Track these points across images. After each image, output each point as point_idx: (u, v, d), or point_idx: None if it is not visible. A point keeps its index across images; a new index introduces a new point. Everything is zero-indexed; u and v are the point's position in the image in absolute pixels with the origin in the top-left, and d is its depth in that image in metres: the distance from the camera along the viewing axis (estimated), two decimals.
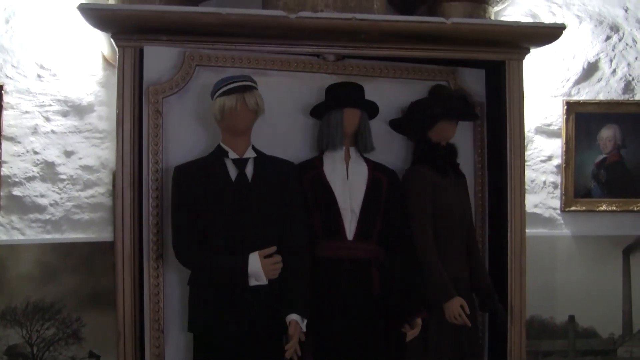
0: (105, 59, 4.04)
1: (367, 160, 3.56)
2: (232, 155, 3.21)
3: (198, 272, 3.21)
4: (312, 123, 3.62)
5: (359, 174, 3.51)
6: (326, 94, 3.53)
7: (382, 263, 3.49)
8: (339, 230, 3.43)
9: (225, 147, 3.24)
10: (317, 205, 3.43)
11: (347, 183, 3.47)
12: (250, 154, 3.25)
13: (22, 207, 3.92)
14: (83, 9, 3.25)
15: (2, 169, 3.87)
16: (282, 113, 3.60)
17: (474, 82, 3.93)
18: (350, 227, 3.44)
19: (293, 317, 3.19)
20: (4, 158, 3.88)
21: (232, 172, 3.22)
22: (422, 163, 3.63)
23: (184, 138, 3.45)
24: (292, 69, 3.64)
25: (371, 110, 3.56)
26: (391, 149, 3.80)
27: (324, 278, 3.36)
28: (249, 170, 3.23)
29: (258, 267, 3.09)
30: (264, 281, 3.13)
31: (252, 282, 3.12)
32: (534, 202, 4.47)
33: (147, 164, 3.33)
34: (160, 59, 3.39)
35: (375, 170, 3.55)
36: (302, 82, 3.66)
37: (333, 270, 3.36)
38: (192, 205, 3.15)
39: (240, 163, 3.21)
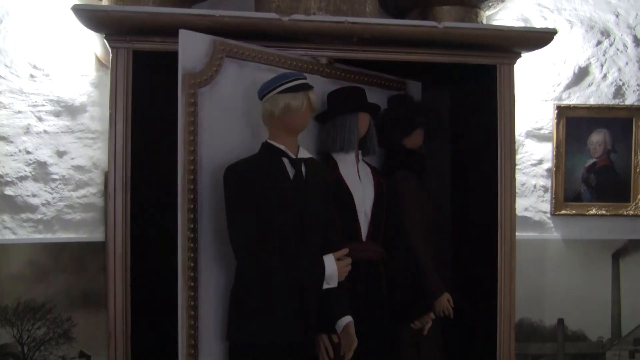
0: (98, 59, 4.04)
1: (368, 164, 3.63)
2: (290, 154, 3.18)
3: (267, 277, 3.07)
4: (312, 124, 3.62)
5: (367, 176, 3.59)
6: (334, 98, 3.58)
7: (386, 263, 3.59)
8: (357, 232, 3.47)
9: (280, 146, 3.16)
10: (337, 207, 3.44)
11: (360, 185, 3.52)
12: (304, 153, 3.23)
13: (14, 206, 3.92)
14: (77, 10, 3.25)
15: None
16: None
17: (416, 94, 4.08)
18: (364, 229, 3.49)
19: (349, 318, 3.22)
20: None
21: (290, 171, 3.16)
22: (405, 168, 3.73)
23: (216, 133, 3.30)
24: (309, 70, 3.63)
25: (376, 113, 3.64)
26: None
27: (345, 279, 3.38)
28: (303, 170, 3.19)
29: (334, 270, 3.05)
30: (335, 284, 3.09)
31: (324, 286, 3.08)
32: (524, 205, 4.49)
33: (182, 160, 3.15)
34: (195, 45, 3.24)
35: (376, 173, 3.63)
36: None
37: (353, 271, 3.37)
38: (257, 206, 3.05)
39: (298, 163, 3.18)
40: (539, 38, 3.72)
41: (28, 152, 3.95)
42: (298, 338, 3.16)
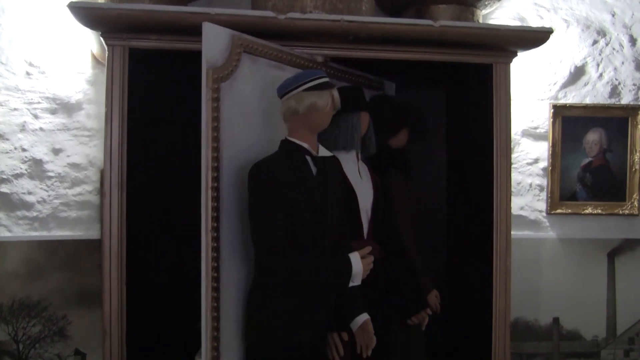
0: (94, 57, 4.04)
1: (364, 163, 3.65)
2: (313, 152, 3.17)
3: (296, 276, 3.04)
4: None
5: (366, 175, 3.60)
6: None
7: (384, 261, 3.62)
8: (360, 230, 3.48)
9: (303, 144, 3.14)
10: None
11: (362, 184, 3.53)
12: (324, 152, 3.23)
13: (10, 204, 3.92)
14: (73, 7, 3.25)
15: None
16: None
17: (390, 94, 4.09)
18: (365, 227, 3.51)
19: (366, 316, 3.26)
20: None
21: (312, 169, 3.15)
22: (394, 168, 3.75)
23: (236, 130, 3.25)
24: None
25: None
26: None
27: None
28: (324, 168, 3.20)
29: (360, 268, 3.04)
30: (359, 282, 3.07)
31: (350, 284, 3.06)
32: (519, 204, 4.50)
33: (205, 157, 3.06)
34: (216, 39, 3.15)
35: (373, 172, 3.64)
36: None
37: None
38: (284, 205, 3.00)
39: (320, 161, 3.17)
40: (535, 37, 3.73)
41: (24, 150, 3.94)
42: (319, 338, 3.18)
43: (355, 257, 3.03)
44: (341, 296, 3.23)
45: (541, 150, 4.52)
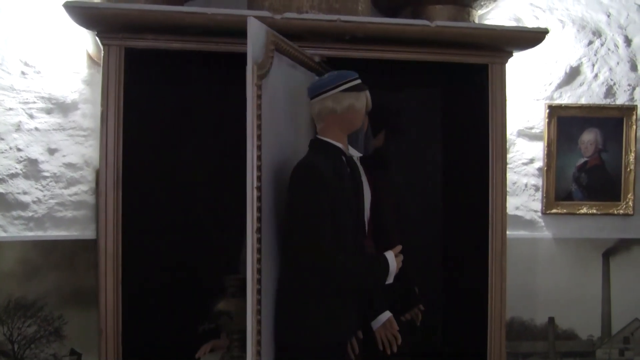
0: (89, 56, 4.03)
1: None
2: (347, 152, 3.19)
3: (343, 277, 3.03)
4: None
5: (364, 175, 3.59)
6: None
7: None
8: (364, 229, 3.49)
9: (337, 144, 3.15)
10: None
11: (363, 183, 3.54)
12: (353, 152, 3.25)
13: (5, 204, 3.90)
14: (69, 7, 3.24)
15: None
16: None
17: None
18: (366, 226, 3.52)
19: (389, 313, 3.30)
20: None
21: (347, 170, 3.16)
22: (379, 169, 3.78)
23: (272, 129, 3.17)
24: None
25: None
26: None
27: None
28: (355, 168, 3.22)
29: (395, 266, 3.07)
30: (392, 281, 3.09)
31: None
32: (515, 204, 4.50)
33: (251, 157, 2.95)
34: (258, 35, 3.04)
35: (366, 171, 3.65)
36: None
37: None
38: (331, 206, 3.00)
39: (352, 161, 3.19)
40: (531, 37, 3.74)
41: (19, 150, 3.93)
42: (351, 337, 3.23)
43: (390, 256, 3.07)
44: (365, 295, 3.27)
45: (537, 150, 4.53)
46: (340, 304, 3.09)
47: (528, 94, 4.51)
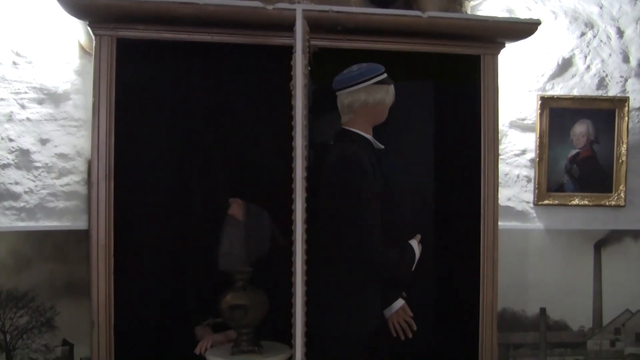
0: (81, 47, 4.02)
1: None
2: (375, 144, 3.22)
3: (383, 267, 3.15)
4: None
5: None
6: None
7: None
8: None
9: (367, 136, 3.24)
10: None
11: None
12: (377, 144, 3.28)
13: None
14: None
15: None
16: None
17: None
18: None
19: (402, 301, 3.41)
20: None
21: (376, 161, 3.21)
22: None
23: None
24: None
25: None
26: None
27: None
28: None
29: (418, 255, 3.14)
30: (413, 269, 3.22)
31: None
32: (507, 195, 4.51)
33: (300, 147, 2.95)
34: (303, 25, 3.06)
35: None
36: None
37: None
38: (374, 197, 3.07)
39: (380, 153, 3.22)
40: (523, 29, 3.74)
41: (11, 140, 3.92)
42: (378, 326, 3.30)
43: (415, 244, 3.13)
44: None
45: (529, 141, 4.53)
46: (371, 293, 3.15)
47: (520, 85, 4.51)
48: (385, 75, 3.26)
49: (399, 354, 3.69)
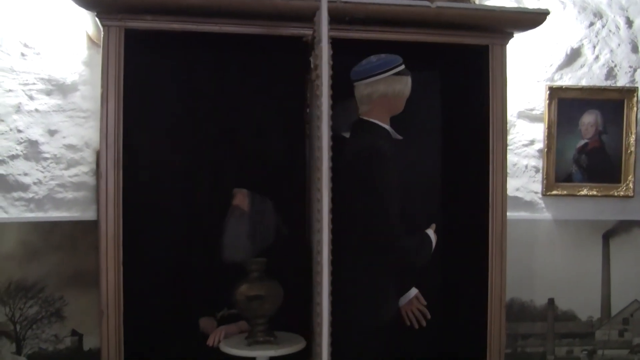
0: (89, 38, 4.02)
1: None
2: (395, 135, 3.25)
3: (405, 255, 3.20)
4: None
5: None
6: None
7: None
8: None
9: (386, 126, 3.28)
10: None
11: None
12: (395, 134, 3.30)
13: (6, 185, 3.91)
14: None
15: None
16: None
17: None
18: None
19: (416, 290, 3.52)
20: None
21: (394, 151, 3.24)
22: None
23: None
24: None
25: None
26: None
27: None
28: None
29: (434, 243, 3.16)
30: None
31: None
32: (515, 185, 4.50)
33: (326, 138, 2.86)
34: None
35: None
36: None
37: None
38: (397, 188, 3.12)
39: (399, 143, 3.25)
40: (532, 19, 3.72)
41: (19, 131, 3.93)
42: (395, 315, 3.39)
43: (432, 233, 3.15)
44: None
45: (537, 131, 4.52)
46: (390, 283, 3.18)
47: (529, 75, 4.50)
48: (403, 66, 3.28)
49: (408, 344, 3.70)
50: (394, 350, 3.63)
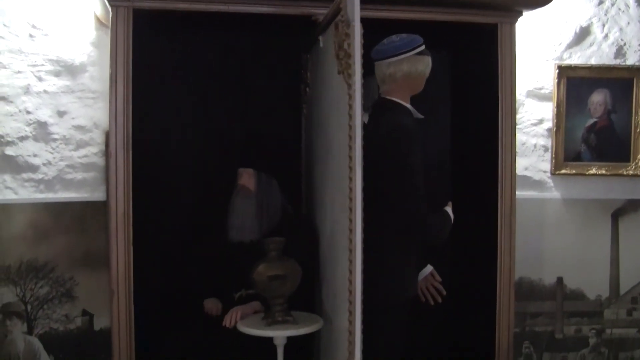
0: (97, 18, 4.02)
1: None
2: (416, 114, 3.29)
3: (429, 232, 3.26)
4: None
5: None
6: None
7: None
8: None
9: (408, 106, 3.33)
10: None
11: None
12: (416, 113, 3.34)
13: (15, 166, 3.92)
14: None
15: None
16: None
17: None
18: None
19: (431, 267, 3.61)
20: None
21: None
22: None
23: None
24: None
25: None
26: None
27: None
28: None
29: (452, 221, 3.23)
30: None
31: None
32: (524, 164, 4.49)
33: (358, 121, 2.87)
34: None
35: None
36: None
37: None
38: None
39: (420, 122, 3.28)
40: None
41: (28, 112, 3.94)
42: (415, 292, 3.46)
43: (450, 211, 3.19)
44: None
45: (546, 111, 4.50)
46: (413, 260, 3.24)
47: (537, 54, 4.47)
48: (424, 46, 3.31)
49: (417, 321, 3.71)
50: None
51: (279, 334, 3.41)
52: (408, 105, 3.31)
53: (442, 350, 4.43)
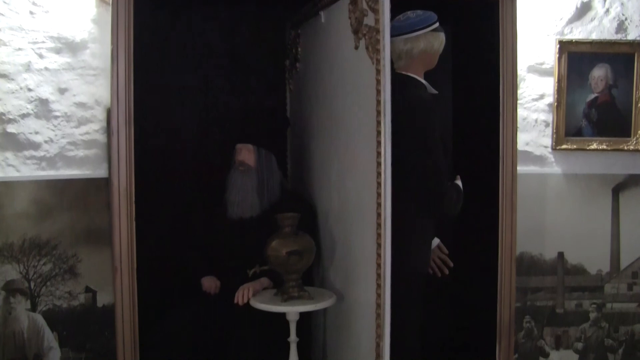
0: None
1: None
2: (431, 89, 3.32)
3: (446, 204, 3.34)
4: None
5: None
6: None
7: None
8: None
9: (424, 81, 3.38)
10: None
11: None
12: (431, 89, 3.37)
13: (17, 144, 3.92)
14: None
15: None
16: None
17: None
18: None
19: (438, 239, 3.71)
20: None
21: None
22: None
23: None
24: None
25: None
26: None
27: None
28: None
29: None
30: None
31: None
32: (525, 140, 4.48)
33: (387, 94, 2.89)
34: None
35: None
36: None
37: None
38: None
39: (434, 97, 3.32)
40: None
41: (29, 90, 3.93)
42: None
43: (460, 183, 3.24)
44: None
45: (547, 86, 4.49)
46: (430, 232, 3.27)
47: (538, 29, 4.45)
48: (438, 23, 3.34)
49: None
50: None
51: (297, 310, 3.43)
52: (424, 81, 3.35)
53: (443, 324, 4.46)
